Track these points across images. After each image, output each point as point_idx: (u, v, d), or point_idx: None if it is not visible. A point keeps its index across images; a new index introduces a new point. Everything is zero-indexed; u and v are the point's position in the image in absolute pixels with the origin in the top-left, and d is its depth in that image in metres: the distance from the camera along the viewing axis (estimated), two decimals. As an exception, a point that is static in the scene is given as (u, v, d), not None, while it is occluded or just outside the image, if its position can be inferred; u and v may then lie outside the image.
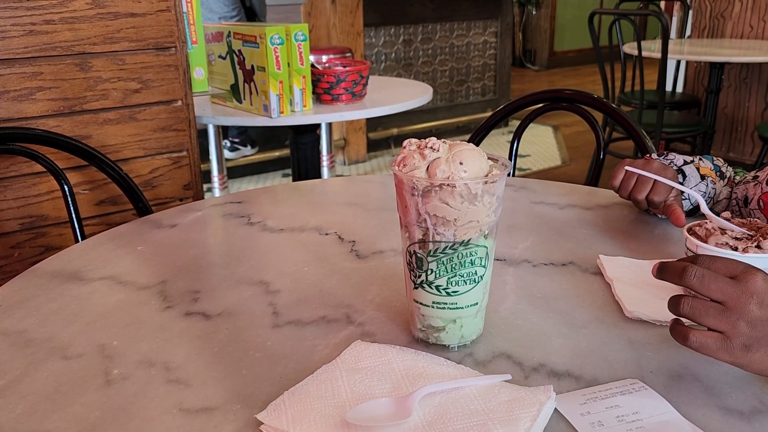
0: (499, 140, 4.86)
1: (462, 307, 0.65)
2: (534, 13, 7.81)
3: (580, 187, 1.20)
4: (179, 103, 1.57)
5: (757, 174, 0.93)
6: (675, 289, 0.69)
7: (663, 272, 0.60)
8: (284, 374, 0.63)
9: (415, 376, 0.60)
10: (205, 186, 3.86)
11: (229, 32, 1.88)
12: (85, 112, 1.46)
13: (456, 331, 0.66)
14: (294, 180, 2.43)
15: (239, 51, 1.86)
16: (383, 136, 4.58)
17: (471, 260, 0.63)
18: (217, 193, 2.53)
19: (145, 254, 0.93)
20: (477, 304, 0.66)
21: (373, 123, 4.47)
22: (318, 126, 2.31)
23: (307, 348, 0.68)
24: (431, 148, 0.62)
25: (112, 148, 1.51)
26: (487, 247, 0.64)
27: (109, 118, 1.49)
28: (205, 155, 2.72)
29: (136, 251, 0.94)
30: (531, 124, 1.44)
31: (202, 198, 1.68)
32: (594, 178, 1.36)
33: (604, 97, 3.44)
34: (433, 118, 4.78)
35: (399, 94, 2.20)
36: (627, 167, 0.91)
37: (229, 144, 3.87)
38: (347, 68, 1.98)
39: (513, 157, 1.45)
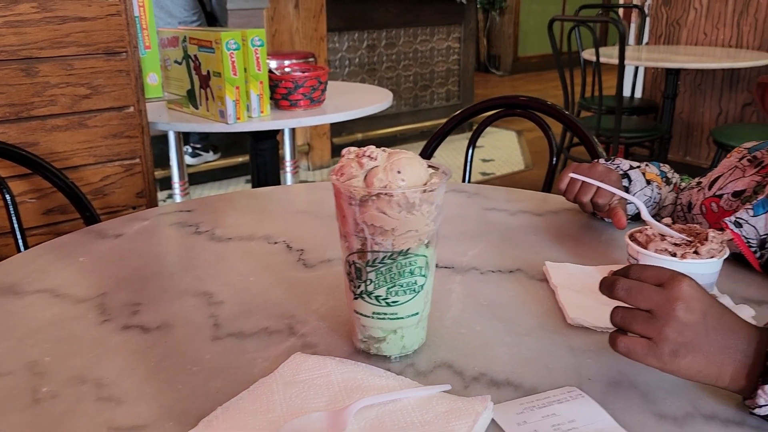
0: (461, 145, 4.88)
1: (402, 317, 0.64)
2: (498, 19, 7.89)
3: (532, 193, 1.21)
4: (131, 109, 1.54)
5: (701, 180, 0.95)
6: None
7: (600, 287, 0.62)
8: (221, 389, 0.62)
9: (353, 389, 0.59)
10: (166, 193, 3.82)
11: (185, 37, 1.85)
12: (32, 118, 1.43)
13: (397, 341, 0.66)
14: (253, 187, 2.41)
15: (195, 56, 1.83)
16: (347, 141, 4.57)
17: (410, 270, 0.63)
18: (178, 200, 2.49)
19: (86, 266, 0.90)
20: (418, 314, 0.65)
21: (337, 128, 4.45)
22: (278, 132, 2.29)
23: (246, 361, 0.67)
24: (369, 156, 0.61)
25: (61, 155, 1.48)
26: (427, 257, 0.63)
27: (58, 124, 1.46)
28: (165, 162, 2.68)
29: (77, 263, 0.91)
30: (495, 129, 1.45)
31: (156, 206, 1.65)
32: (548, 183, 1.37)
33: (564, 102, 3.49)
34: (398, 123, 4.79)
35: (359, 100, 2.19)
36: (571, 174, 0.92)
37: (190, 150, 3.82)
38: (305, 74, 1.96)
39: (469, 164, 1.45)
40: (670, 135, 3.40)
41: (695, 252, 0.71)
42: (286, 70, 2.13)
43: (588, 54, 3.34)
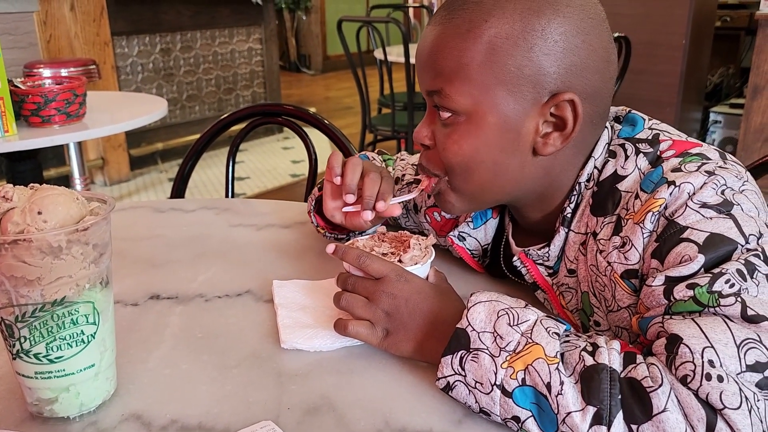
0: (273, 147, 4.83)
1: (73, 373, 0.57)
2: (305, 18, 7.90)
3: (287, 203, 1.18)
4: None
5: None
6: (335, 313, 0.71)
7: (337, 281, 0.70)
8: None
9: (3, 468, 0.51)
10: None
11: None
12: None
13: (72, 399, 0.58)
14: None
15: None
16: (148, 152, 4.29)
17: (73, 320, 0.56)
18: None
19: None
20: (94, 365, 0.58)
21: (135, 139, 4.17)
22: (37, 152, 2.06)
23: None
24: (3, 197, 0.53)
25: None
26: (93, 302, 0.57)
27: None
28: None
29: None
30: (307, 129, 1.37)
31: None
32: (309, 191, 1.35)
33: (360, 100, 3.55)
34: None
35: (130, 111, 2.04)
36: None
37: (-46, 174, 3.35)
38: (57, 86, 1.78)
39: (230, 176, 1.40)
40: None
41: (399, 260, 0.72)
42: (42, 82, 1.92)
43: (379, 53, 3.43)
